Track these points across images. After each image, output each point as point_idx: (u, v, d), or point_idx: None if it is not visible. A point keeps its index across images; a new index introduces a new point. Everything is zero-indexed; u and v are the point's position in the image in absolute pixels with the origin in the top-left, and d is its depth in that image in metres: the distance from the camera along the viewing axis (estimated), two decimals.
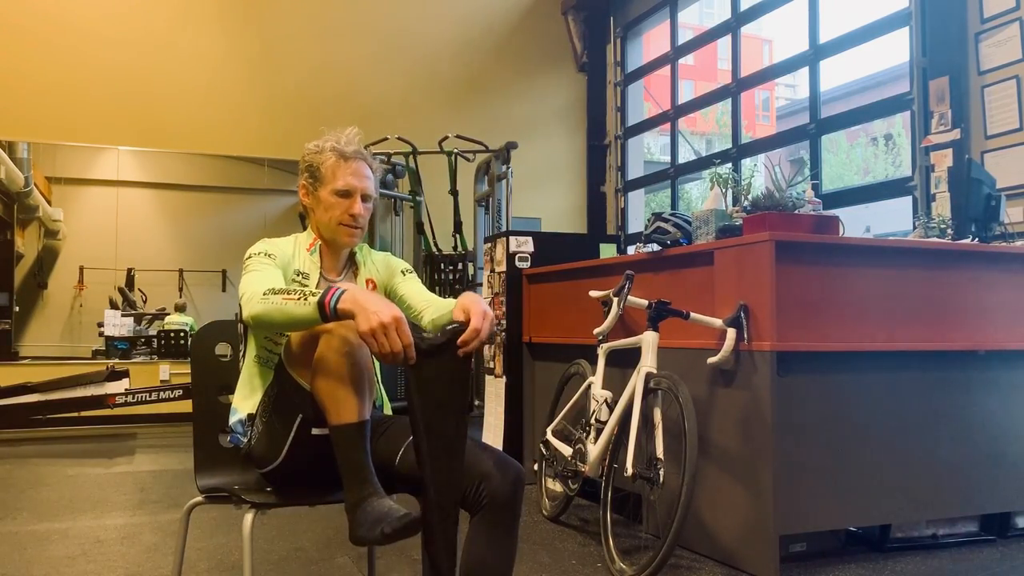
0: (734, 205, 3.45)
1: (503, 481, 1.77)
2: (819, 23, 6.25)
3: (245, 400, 2.02)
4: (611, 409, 3.15)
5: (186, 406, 5.03)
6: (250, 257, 1.98)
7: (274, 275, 1.93)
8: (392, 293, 2.18)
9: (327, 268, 2.11)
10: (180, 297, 8.24)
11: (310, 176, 2.06)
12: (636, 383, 3.00)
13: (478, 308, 1.76)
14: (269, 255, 1.97)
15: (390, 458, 1.95)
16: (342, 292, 1.66)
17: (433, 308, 2.10)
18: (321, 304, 1.66)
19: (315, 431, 1.86)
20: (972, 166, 3.69)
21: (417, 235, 7.50)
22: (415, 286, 2.18)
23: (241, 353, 2.11)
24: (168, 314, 7.95)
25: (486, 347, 4.77)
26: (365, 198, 2.06)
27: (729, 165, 6.89)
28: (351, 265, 2.17)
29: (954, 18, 4.98)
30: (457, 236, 7.32)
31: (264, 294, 1.76)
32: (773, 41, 29.57)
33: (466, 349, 1.72)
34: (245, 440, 2.00)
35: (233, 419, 2.03)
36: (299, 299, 1.70)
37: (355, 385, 1.71)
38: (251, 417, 1.99)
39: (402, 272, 2.20)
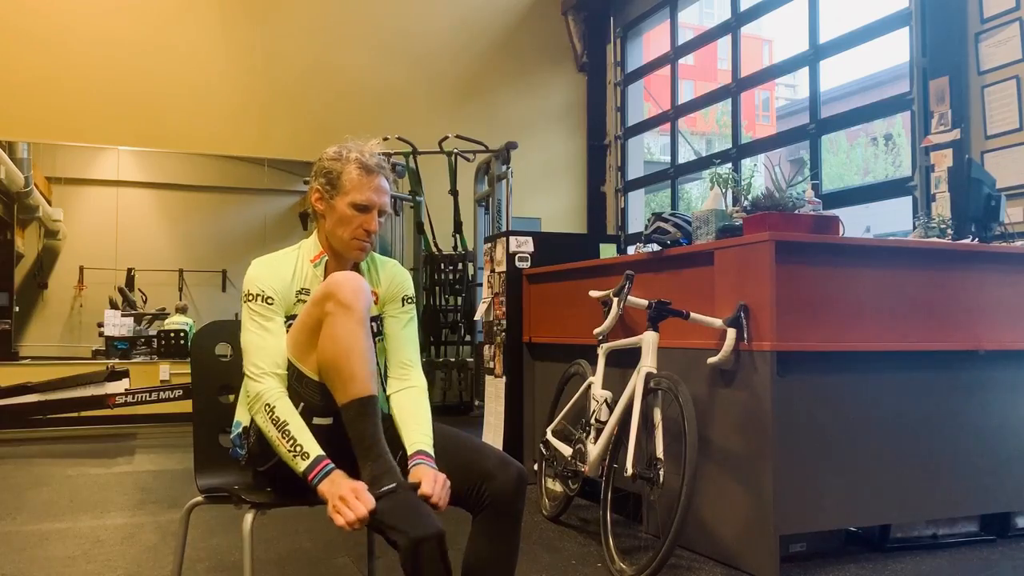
0: (734, 205, 3.45)
1: (505, 481, 1.77)
2: (819, 23, 6.25)
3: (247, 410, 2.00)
4: (611, 409, 3.15)
5: (186, 406, 5.02)
6: (249, 298, 1.92)
7: (276, 339, 1.90)
8: (383, 319, 2.09)
9: None
10: (180, 299, 8.24)
11: (327, 183, 1.98)
12: (636, 383, 3.00)
13: (428, 475, 1.75)
14: (268, 300, 1.92)
15: None
16: (325, 474, 1.74)
17: (398, 380, 2.02)
18: (306, 475, 1.75)
19: (316, 420, 1.87)
20: (972, 166, 3.68)
21: (417, 235, 7.51)
22: (404, 331, 2.08)
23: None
24: (168, 315, 7.95)
25: (486, 347, 4.77)
26: (381, 213, 2.01)
27: (729, 165, 6.89)
28: None
29: (954, 18, 4.98)
30: (457, 236, 7.32)
31: (268, 408, 1.82)
32: (773, 41, 29.55)
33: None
34: (244, 453, 1.99)
35: (234, 433, 2.01)
36: (291, 452, 1.78)
37: (360, 360, 1.78)
38: (246, 430, 1.98)
39: (403, 300, 2.10)
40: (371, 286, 2.07)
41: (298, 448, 1.76)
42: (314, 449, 1.77)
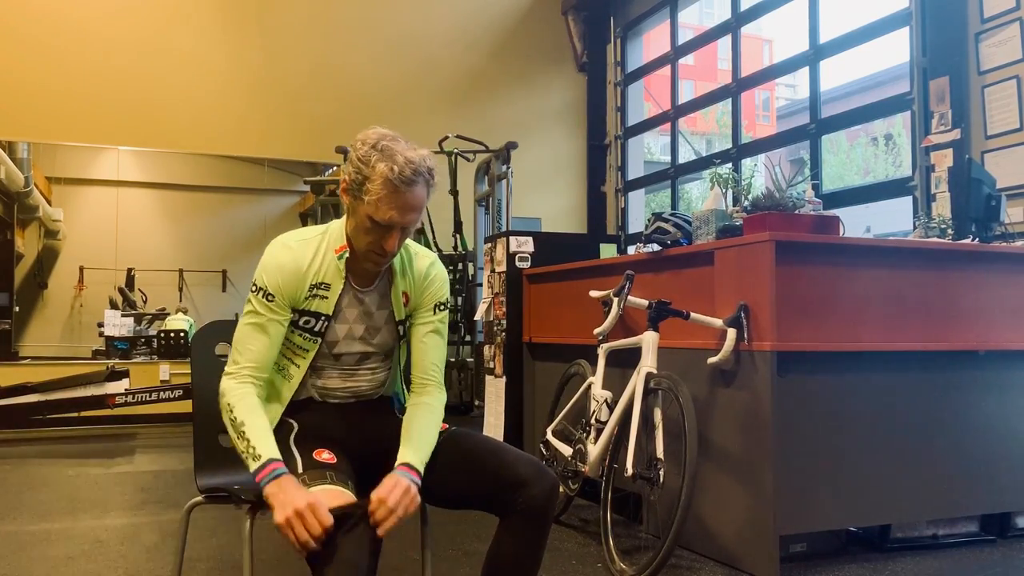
0: (734, 205, 3.45)
1: (540, 490, 1.74)
2: (819, 23, 6.25)
3: None
4: (611, 409, 3.15)
5: (186, 406, 5.02)
6: (253, 288, 1.84)
7: (264, 340, 1.83)
8: (410, 325, 1.96)
9: (356, 275, 1.89)
10: (180, 299, 8.24)
11: (355, 181, 1.76)
12: (636, 383, 3.00)
13: (388, 483, 1.68)
14: (268, 297, 1.82)
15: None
16: (274, 477, 1.66)
17: (415, 394, 1.92)
18: (254, 476, 1.68)
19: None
20: (972, 166, 3.68)
21: (417, 235, 7.50)
22: (428, 339, 1.94)
23: None
24: (168, 314, 7.95)
25: (486, 347, 4.77)
26: (405, 229, 1.80)
27: (729, 165, 6.88)
28: (387, 272, 1.92)
29: (954, 18, 4.98)
30: (457, 236, 7.32)
31: (228, 408, 1.78)
32: (773, 41, 29.56)
33: (380, 525, 1.65)
34: None
35: None
36: (244, 452, 1.72)
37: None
38: None
39: (435, 307, 1.95)
40: (404, 285, 1.93)
41: (251, 450, 1.71)
42: (267, 451, 1.70)
